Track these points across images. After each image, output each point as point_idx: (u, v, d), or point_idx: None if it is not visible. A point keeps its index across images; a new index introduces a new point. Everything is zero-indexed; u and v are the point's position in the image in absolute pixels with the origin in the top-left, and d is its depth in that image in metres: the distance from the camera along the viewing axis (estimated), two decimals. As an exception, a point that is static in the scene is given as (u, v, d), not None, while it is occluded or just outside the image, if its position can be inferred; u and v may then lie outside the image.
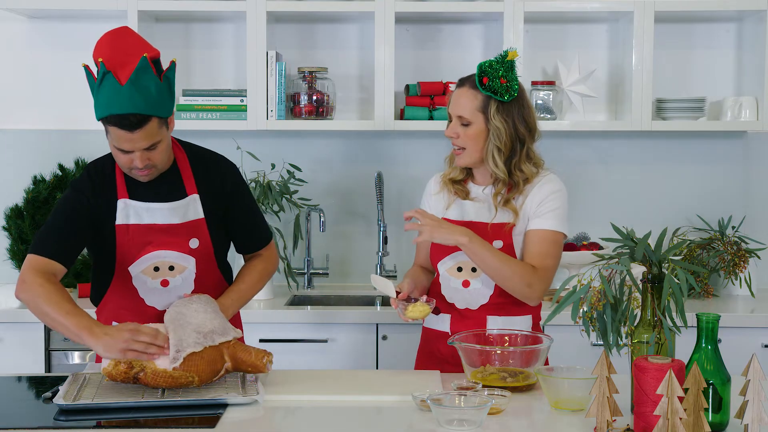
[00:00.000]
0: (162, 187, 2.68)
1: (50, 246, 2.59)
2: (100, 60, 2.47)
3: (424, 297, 2.68)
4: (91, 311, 2.72)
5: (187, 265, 2.70)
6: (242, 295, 2.77)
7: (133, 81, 2.46)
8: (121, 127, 2.48)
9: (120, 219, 2.66)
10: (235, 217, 2.80)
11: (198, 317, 2.50)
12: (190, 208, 2.70)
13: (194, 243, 2.71)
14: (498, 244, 2.73)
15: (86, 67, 2.56)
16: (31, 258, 2.58)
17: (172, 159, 2.70)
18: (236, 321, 2.93)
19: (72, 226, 2.63)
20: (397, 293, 2.69)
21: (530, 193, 2.75)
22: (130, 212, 2.66)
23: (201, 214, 2.71)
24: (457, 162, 2.80)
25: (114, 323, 2.68)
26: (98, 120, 2.53)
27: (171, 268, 2.69)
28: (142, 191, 2.67)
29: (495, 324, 2.74)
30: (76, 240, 2.64)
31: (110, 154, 2.70)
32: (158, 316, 2.70)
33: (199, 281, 2.73)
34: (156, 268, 2.68)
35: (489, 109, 2.72)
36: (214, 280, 2.79)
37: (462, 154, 2.77)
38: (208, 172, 2.75)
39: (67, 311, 2.44)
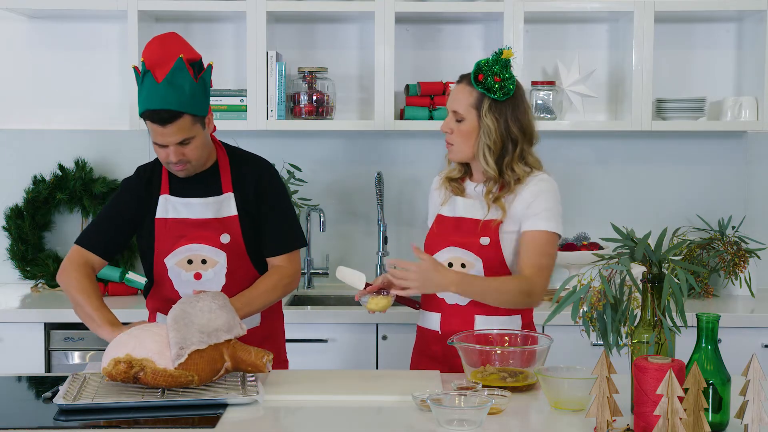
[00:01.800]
0: (201, 184, 2.83)
1: (92, 240, 2.83)
2: (142, 60, 2.65)
3: (393, 290, 2.67)
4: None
5: (219, 259, 2.81)
6: (251, 300, 2.76)
7: (168, 79, 2.63)
8: (153, 121, 2.67)
9: (160, 213, 2.82)
10: (263, 216, 2.86)
11: (203, 317, 2.49)
12: (224, 205, 2.82)
13: (225, 238, 2.81)
14: (485, 240, 2.73)
15: (135, 68, 2.72)
16: (74, 248, 2.83)
17: (213, 158, 2.86)
18: (278, 322, 3.03)
19: (114, 223, 2.85)
20: (368, 286, 2.70)
21: (520, 193, 2.75)
22: (169, 207, 2.82)
23: (234, 212, 2.82)
24: (449, 157, 2.84)
25: (158, 314, 2.90)
26: (140, 115, 2.71)
27: (203, 261, 2.80)
28: (181, 187, 2.83)
29: (483, 324, 2.74)
30: (116, 236, 2.86)
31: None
32: None
33: (230, 276, 2.82)
34: (189, 261, 2.81)
35: (482, 106, 2.73)
36: (248, 277, 2.85)
37: (452, 149, 2.79)
38: (245, 173, 2.86)
39: (97, 306, 2.67)
